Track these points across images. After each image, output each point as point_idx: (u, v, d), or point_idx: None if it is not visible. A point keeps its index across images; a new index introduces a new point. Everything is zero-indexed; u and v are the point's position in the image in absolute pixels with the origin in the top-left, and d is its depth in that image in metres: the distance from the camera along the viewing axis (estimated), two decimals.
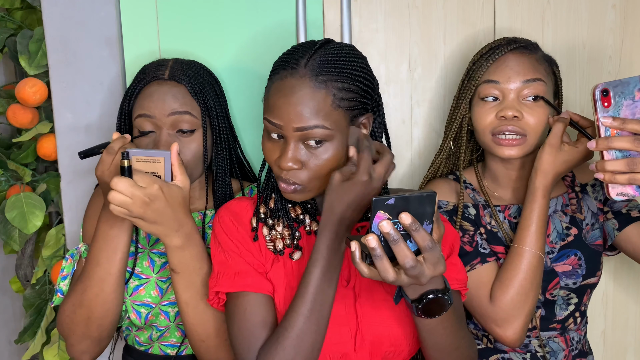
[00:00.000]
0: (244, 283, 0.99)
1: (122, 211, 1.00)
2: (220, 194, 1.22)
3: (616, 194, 0.99)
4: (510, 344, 1.15)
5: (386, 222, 0.82)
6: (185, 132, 1.16)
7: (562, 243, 1.23)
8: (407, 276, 0.84)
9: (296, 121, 0.94)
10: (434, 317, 0.92)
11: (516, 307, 1.14)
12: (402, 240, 0.82)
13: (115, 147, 1.09)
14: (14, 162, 1.65)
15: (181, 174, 1.06)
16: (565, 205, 1.26)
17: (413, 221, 0.82)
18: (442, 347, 0.99)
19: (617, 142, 0.96)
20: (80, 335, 1.14)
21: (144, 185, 0.99)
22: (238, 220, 1.04)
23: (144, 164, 1.05)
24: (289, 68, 0.97)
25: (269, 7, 1.39)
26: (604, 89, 0.98)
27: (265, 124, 0.99)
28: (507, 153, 1.17)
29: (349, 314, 1.00)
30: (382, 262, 0.83)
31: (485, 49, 1.23)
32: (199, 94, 1.18)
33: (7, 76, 1.88)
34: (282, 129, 0.96)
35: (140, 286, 1.20)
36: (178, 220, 1.04)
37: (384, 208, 0.82)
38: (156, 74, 1.17)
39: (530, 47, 1.21)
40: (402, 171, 1.49)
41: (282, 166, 0.96)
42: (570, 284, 1.23)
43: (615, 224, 1.25)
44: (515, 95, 1.17)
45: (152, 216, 1.01)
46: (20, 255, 1.73)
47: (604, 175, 0.98)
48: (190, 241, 1.07)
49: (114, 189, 0.98)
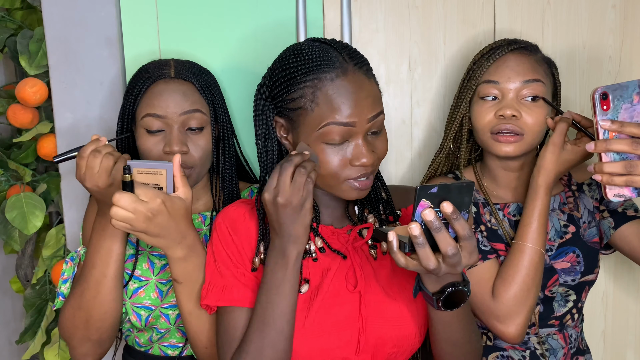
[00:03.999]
0: (231, 298, 0.99)
1: (124, 226, 0.99)
2: (228, 194, 1.22)
3: (613, 195, 1.01)
4: (511, 340, 1.16)
5: (429, 210, 0.83)
6: (194, 130, 1.16)
7: (560, 240, 1.24)
8: (445, 264, 0.86)
9: (370, 111, 0.96)
10: (452, 309, 0.93)
11: (518, 303, 1.14)
12: (444, 228, 0.84)
13: (87, 150, 1.07)
14: (14, 162, 1.65)
15: (183, 185, 1.05)
16: (563, 204, 1.27)
17: (454, 210, 0.84)
18: (454, 340, 1.01)
19: (616, 145, 0.98)
20: (81, 337, 1.14)
21: (146, 200, 0.99)
22: (234, 228, 1.03)
23: (146, 175, 1.04)
24: (338, 67, 0.96)
25: (269, 7, 1.39)
26: (603, 93, 0.99)
27: (330, 130, 0.95)
28: (504, 150, 1.18)
29: (352, 318, 1.00)
30: (424, 250, 0.84)
31: (485, 49, 1.24)
32: (207, 91, 1.18)
33: (7, 76, 1.88)
34: (355, 125, 0.95)
35: (140, 288, 1.19)
36: (181, 232, 1.04)
37: (427, 196, 0.83)
38: (161, 72, 1.17)
39: (531, 48, 1.22)
40: (402, 171, 1.49)
41: (368, 162, 0.96)
42: (569, 281, 1.24)
43: (611, 222, 1.27)
44: (514, 95, 1.18)
45: (155, 230, 1.00)
46: (20, 255, 1.74)
47: (602, 177, 0.99)
48: (192, 252, 1.06)
49: (116, 205, 0.97)
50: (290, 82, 0.98)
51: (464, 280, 0.94)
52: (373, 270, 1.04)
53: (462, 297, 0.93)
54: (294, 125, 0.99)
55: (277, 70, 1.01)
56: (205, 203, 1.26)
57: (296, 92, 0.97)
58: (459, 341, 1.02)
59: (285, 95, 0.99)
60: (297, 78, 0.97)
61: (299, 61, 0.98)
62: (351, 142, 0.97)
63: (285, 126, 1.02)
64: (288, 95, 0.98)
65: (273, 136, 1.03)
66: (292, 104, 0.98)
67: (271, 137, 1.03)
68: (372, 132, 0.98)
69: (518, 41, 1.23)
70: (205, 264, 1.05)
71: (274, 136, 1.03)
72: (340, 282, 1.02)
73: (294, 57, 0.99)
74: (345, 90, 0.95)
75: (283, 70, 0.99)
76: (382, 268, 1.05)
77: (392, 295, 1.03)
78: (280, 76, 0.99)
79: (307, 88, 0.96)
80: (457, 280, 0.92)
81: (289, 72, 0.98)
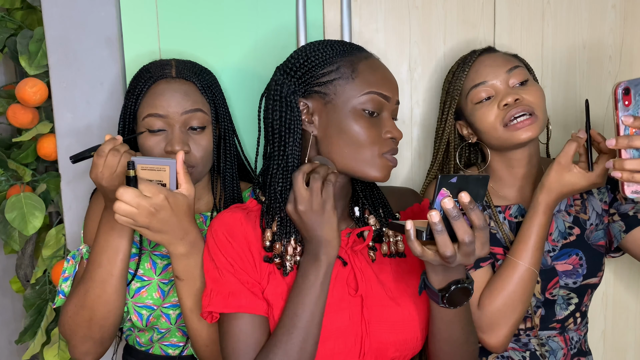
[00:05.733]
0: (238, 304, 0.98)
1: (127, 221, 1.00)
2: (229, 193, 1.22)
3: (631, 192, 1.01)
4: (493, 350, 1.17)
5: (448, 198, 0.86)
6: (196, 129, 1.16)
7: (564, 241, 1.23)
8: (460, 253, 0.88)
9: (397, 94, 1.04)
10: (456, 307, 0.95)
11: (502, 317, 1.14)
12: (462, 217, 0.86)
13: (106, 149, 1.08)
14: (14, 162, 1.65)
15: (186, 182, 1.05)
16: (569, 206, 1.26)
17: (471, 200, 0.86)
18: (454, 339, 1.02)
19: (638, 141, 0.96)
20: (83, 336, 1.14)
21: (149, 195, 0.99)
22: (231, 234, 1.02)
23: (149, 172, 1.04)
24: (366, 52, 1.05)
25: (269, 7, 1.39)
26: (626, 88, 0.98)
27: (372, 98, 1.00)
28: (524, 136, 1.16)
29: (354, 323, 1.00)
30: (443, 236, 0.87)
31: (455, 66, 1.27)
32: (208, 91, 1.18)
33: (7, 76, 1.88)
34: (389, 101, 1.02)
35: (142, 288, 1.20)
36: (183, 229, 1.04)
37: (447, 186, 0.87)
38: (163, 72, 1.17)
39: (491, 49, 1.26)
40: (402, 171, 1.49)
41: (399, 136, 1.02)
42: (570, 284, 1.23)
43: (621, 226, 1.25)
44: (505, 86, 1.19)
45: (158, 225, 1.01)
46: (20, 255, 1.74)
47: (622, 174, 0.99)
48: (194, 248, 1.07)
49: (119, 199, 0.98)
50: (324, 59, 1.02)
51: (468, 279, 0.95)
52: (374, 274, 1.04)
53: (466, 294, 0.95)
54: (325, 100, 1.00)
55: (303, 55, 1.03)
56: (207, 203, 1.26)
57: (332, 65, 1.01)
58: (458, 340, 1.02)
59: (318, 71, 1.01)
60: (331, 57, 1.02)
61: (328, 46, 1.03)
62: (381, 117, 1.02)
63: (312, 108, 1.02)
64: (322, 70, 1.01)
65: (296, 119, 1.01)
66: (326, 77, 1.01)
67: (295, 120, 1.01)
68: (394, 117, 1.05)
69: (477, 50, 1.26)
70: (205, 270, 1.04)
71: (297, 119, 1.01)
72: (342, 287, 1.01)
73: (321, 45, 1.04)
74: (381, 67, 1.04)
75: (313, 53, 1.02)
76: (382, 272, 1.05)
77: (395, 298, 1.03)
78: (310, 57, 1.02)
79: (344, 62, 1.01)
80: (462, 278, 0.94)
81: (321, 53, 1.02)
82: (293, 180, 0.97)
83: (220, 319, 1.01)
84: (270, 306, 0.99)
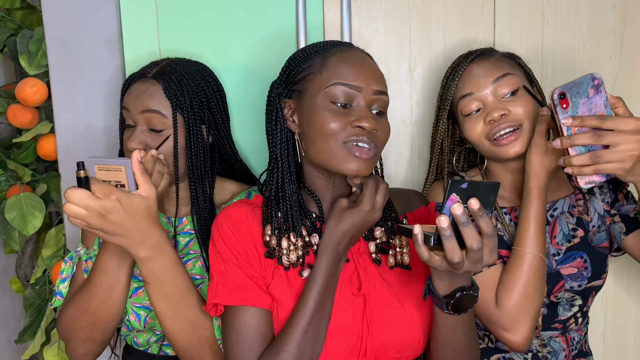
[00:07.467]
0: (244, 297, 0.98)
1: (80, 223, 0.96)
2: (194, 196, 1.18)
3: (585, 183, 1.06)
4: (519, 348, 1.15)
5: (458, 204, 0.85)
6: (156, 131, 1.15)
7: (568, 245, 1.23)
8: (467, 260, 0.87)
9: (375, 84, 1.01)
10: (460, 313, 0.95)
11: (522, 310, 1.13)
12: (471, 223, 0.86)
13: None
14: (14, 162, 1.65)
15: (145, 182, 1.00)
16: (572, 207, 1.26)
17: (481, 207, 0.86)
18: (456, 345, 1.01)
19: (579, 139, 1.02)
20: (84, 339, 1.13)
21: (100, 197, 0.95)
22: (237, 228, 1.02)
23: (107, 172, 1.00)
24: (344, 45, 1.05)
25: (269, 7, 1.39)
26: (561, 93, 1.04)
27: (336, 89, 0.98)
28: (511, 152, 1.16)
29: (356, 322, 1.00)
30: (451, 242, 0.86)
31: (448, 71, 1.26)
32: (172, 94, 1.15)
33: (7, 76, 1.88)
34: (361, 91, 0.99)
35: (140, 288, 1.19)
36: (141, 232, 0.99)
37: (457, 191, 0.86)
38: (145, 71, 1.18)
39: (487, 52, 1.23)
40: (402, 171, 1.49)
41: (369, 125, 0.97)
42: (575, 287, 1.22)
43: (622, 227, 1.24)
44: (493, 98, 1.17)
45: (111, 228, 0.97)
46: (20, 255, 1.74)
47: (572, 170, 1.04)
48: (158, 252, 1.03)
49: (67, 201, 0.94)
50: (302, 58, 1.03)
51: (473, 286, 0.95)
52: (379, 275, 1.04)
53: (471, 301, 0.94)
54: (300, 97, 1.02)
55: (290, 57, 1.07)
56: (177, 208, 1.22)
57: (306, 63, 1.02)
58: (460, 346, 1.02)
59: (296, 71, 1.03)
60: (308, 55, 1.03)
61: (311, 46, 1.05)
62: (355, 107, 0.99)
63: (292, 106, 1.04)
64: (299, 68, 1.03)
65: (281, 119, 1.04)
66: (300, 75, 1.02)
67: (279, 120, 1.04)
68: (376, 111, 1.01)
69: (473, 51, 1.24)
70: (210, 263, 1.04)
71: (282, 119, 1.04)
72: (345, 286, 1.02)
73: (308, 46, 1.06)
74: (353, 59, 1.01)
75: (296, 54, 1.06)
76: (387, 273, 1.05)
77: (398, 299, 1.03)
78: (293, 59, 1.05)
79: (318, 58, 1.02)
80: (467, 285, 0.94)
81: (301, 53, 1.05)
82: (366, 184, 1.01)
83: (225, 312, 1.00)
84: (275, 302, 0.99)
